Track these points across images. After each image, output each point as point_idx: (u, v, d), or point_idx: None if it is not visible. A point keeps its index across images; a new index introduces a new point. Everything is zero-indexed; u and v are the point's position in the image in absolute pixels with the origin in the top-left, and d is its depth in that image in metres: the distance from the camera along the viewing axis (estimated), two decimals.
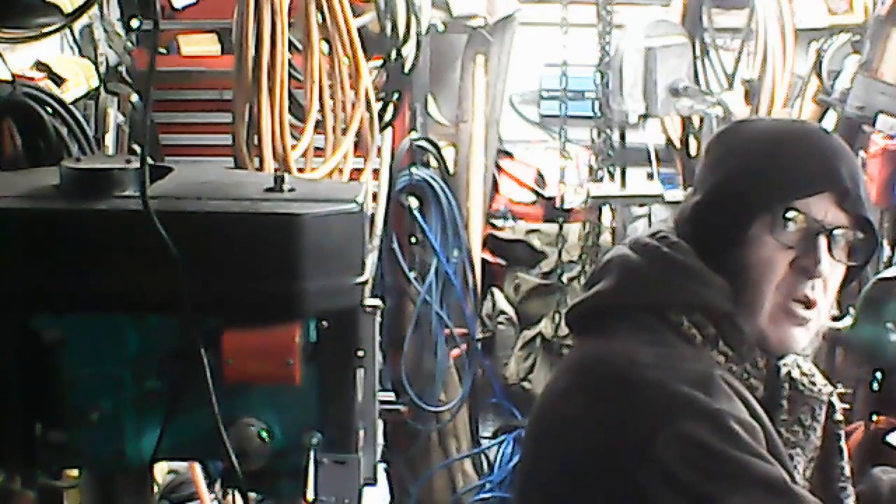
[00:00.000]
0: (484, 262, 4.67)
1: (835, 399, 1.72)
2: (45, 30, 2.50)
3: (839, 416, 1.71)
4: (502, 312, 4.68)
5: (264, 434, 1.50)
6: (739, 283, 1.63)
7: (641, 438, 1.49)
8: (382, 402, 1.62)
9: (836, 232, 1.64)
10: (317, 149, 3.19)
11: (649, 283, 1.65)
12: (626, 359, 1.57)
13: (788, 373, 1.67)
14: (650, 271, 1.65)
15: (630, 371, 1.55)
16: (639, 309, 1.64)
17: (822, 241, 1.62)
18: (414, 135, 4.35)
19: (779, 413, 1.65)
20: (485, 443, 4.76)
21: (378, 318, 1.55)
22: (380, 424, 1.61)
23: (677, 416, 1.48)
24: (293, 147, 3.04)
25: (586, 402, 1.58)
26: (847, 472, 1.73)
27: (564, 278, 4.58)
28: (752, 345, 1.62)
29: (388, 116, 3.70)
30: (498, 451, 4.70)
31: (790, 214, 1.62)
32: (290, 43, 3.03)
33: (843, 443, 1.72)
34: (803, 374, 1.69)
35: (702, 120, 4.36)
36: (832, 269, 1.65)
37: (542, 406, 1.69)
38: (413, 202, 4.36)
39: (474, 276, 4.55)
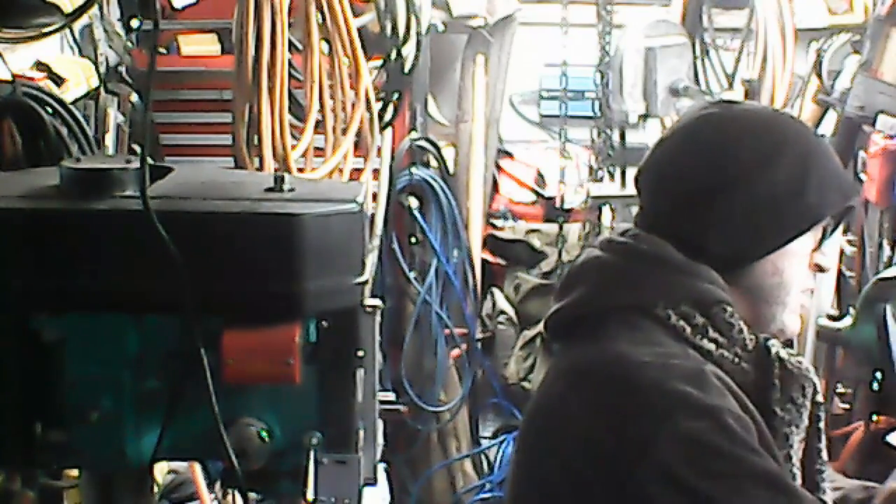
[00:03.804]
0: (484, 262, 4.66)
1: (815, 379, 1.72)
2: (45, 30, 2.50)
3: (820, 398, 1.72)
4: (502, 312, 4.67)
5: (264, 434, 1.50)
6: (771, 286, 1.67)
7: (642, 438, 1.49)
8: (382, 402, 1.61)
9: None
10: (317, 149, 3.19)
11: (631, 281, 1.64)
12: (620, 361, 1.57)
13: (777, 353, 1.67)
14: (629, 270, 1.65)
15: (626, 373, 1.55)
16: (623, 309, 1.63)
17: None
18: (414, 135, 4.34)
19: (773, 392, 1.65)
20: (485, 443, 4.75)
21: (378, 318, 1.55)
22: (380, 424, 1.61)
23: (676, 415, 1.48)
24: (293, 147, 3.04)
25: (584, 406, 1.58)
26: (825, 455, 1.74)
27: None
28: (741, 328, 1.63)
29: (388, 116, 3.70)
30: (498, 451, 4.70)
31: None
32: (290, 43, 3.03)
33: (822, 424, 1.72)
34: (790, 354, 1.69)
35: None
36: None
37: (536, 412, 1.69)
38: (413, 202, 4.36)
39: (474, 276, 4.55)
